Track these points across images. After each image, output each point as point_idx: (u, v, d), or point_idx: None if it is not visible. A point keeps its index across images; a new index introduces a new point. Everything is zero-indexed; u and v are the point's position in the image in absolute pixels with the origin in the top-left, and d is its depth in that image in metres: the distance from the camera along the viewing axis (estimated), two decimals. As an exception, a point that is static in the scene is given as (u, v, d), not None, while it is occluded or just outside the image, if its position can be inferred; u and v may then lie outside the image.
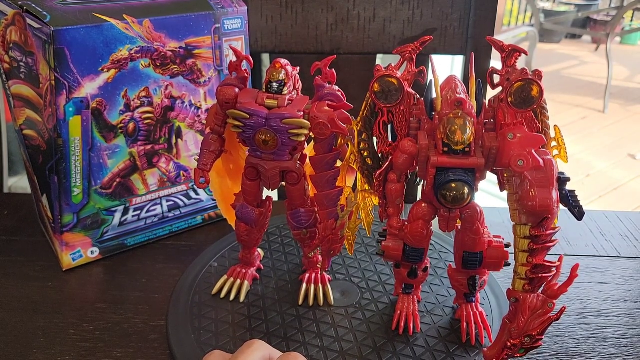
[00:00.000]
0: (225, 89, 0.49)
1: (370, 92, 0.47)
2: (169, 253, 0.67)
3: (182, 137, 0.66)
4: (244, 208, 0.55)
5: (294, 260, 0.63)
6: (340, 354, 0.50)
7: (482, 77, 0.46)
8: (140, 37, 0.59)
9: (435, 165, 0.43)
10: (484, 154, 0.44)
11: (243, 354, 0.34)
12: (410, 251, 0.49)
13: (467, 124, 0.42)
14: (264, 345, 0.36)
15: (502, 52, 0.46)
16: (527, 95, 0.43)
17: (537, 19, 3.78)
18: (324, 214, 0.52)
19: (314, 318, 0.54)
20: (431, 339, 0.51)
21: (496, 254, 0.49)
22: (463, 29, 0.87)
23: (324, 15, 0.88)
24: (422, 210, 0.48)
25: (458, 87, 0.45)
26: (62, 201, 0.60)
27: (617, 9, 3.73)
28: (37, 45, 0.55)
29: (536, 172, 0.41)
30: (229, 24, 0.65)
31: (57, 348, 0.52)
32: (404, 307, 0.53)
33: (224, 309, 0.55)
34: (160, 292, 0.59)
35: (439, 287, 0.59)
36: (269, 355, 0.35)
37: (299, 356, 0.35)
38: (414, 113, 0.47)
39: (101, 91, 0.58)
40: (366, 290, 0.58)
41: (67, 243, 0.62)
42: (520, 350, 0.44)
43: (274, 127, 0.48)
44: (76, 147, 0.58)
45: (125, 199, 0.64)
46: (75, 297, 0.59)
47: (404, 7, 0.87)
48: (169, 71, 0.62)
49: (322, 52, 0.89)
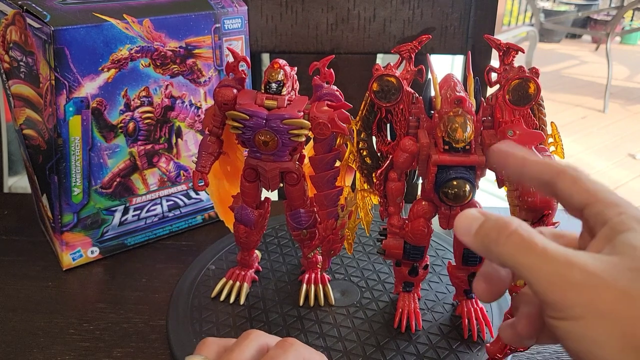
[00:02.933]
0: (223, 90, 0.49)
1: (369, 91, 0.47)
2: (169, 253, 0.67)
3: (182, 137, 0.66)
4: (243, 210, 0.55)
5: (292, 261, 0.63)
6: (344, 353, 0.50)
7: (481, 76, 0.46)
8: (140, 36, 0.59)
9: (437, 164, 0.43)
10: (484, 151, 0.44)
11: (239, 346, 0.34)
12: (411, 249, 0.50)
13: (467, 121, 0.42)
14: (261, 334, 0.36)
15: (500, 50, 0.46)
16: (524, 92, 0.44)
17: (537, 18, 3.78)
18: (324, 214, 0.52)
19: (316, 318, 0.54)
20: (433, 336, 0.51)
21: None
22: (463, 29, 0.87)
23: (324, 15, 0.88)
24: (423, 208, 0.48)
25: (457, 85, 0.45)
26: (62, 201, 0.60)
27: (617, 9, 3.73)
28: (37, 45, 0.55)
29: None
30: (229, 23, 0.65)
31: (57, 348, 0.52)
32: (405, 305, 0.53)
33: (225, 312, 0.55)
34: (160, 292, 0.59)
35: (438, 284, 0.59)
36: (266, 343, 0.35)
37: (296, 341, 0.35)
38: (413, 112, 0.47)
39: (101, 91, 0.58)
40: (366, 289, 0.58)
41: (67, 243, 0.62)
42: None
43: (274, 127, 0.48)
44: (76, 147, 0.58)
45: (125, 198, 0.64)
46: (75, 297, 0.59)
47: (404, 7, 0.87)
48: (169, 71, 0.62)
49: (322, 52, 0.89)
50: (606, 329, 0.24)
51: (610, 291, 0.24)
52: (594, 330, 0.24)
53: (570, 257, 0.26)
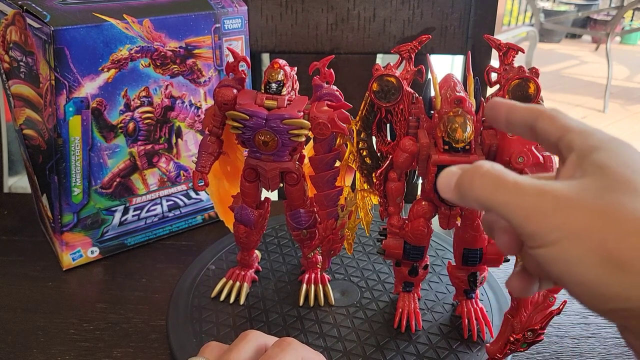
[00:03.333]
0: (223, 90, 0.49)
1: (369, 91, 0.47)
2: (169, 253, 0.67)
3: (182, 137, 0.66)
4: (243, 210, 0.55)
5: (292, 261, 0.63)
6: (344, 353, 0.50)
7: (481, 76, 0.46)
8: (140, 36, 0.59)
9: (437, 164, 0.43)
10: (484, 151, 0.44)
11: (237, 346, 0.34)
12: (411, 249, 0.50)
13: (467, 121, 0.42)
14: (259, 334, 0.36)
15: (500, 51, 0.46)
16: (524, 92, 0.44)
17: (537, 18, 3.78)
18: (324, 214, 0.52)
19: (316, 318, 0.54)
20: (433, 336, 0.51)
21: (496, 250, 0.49)
22: (463, 29, 0.87)
23: (324, 15, 0.88)
24: (423, 208, 0.48)
25: (457, 85, 0.45)
26: (62, 201, 0.60)
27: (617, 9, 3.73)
28: (37, 45, 0.55)
29: (536, 168, 0.42)
30: (229, 23, 0.65)
31: (57, 348, 0.52)
32: (405, 305, 0.53)
33: (225, 312, 0.55)
34: (160, 292, 0.59)
35: (438, 284, 0.59)
36: (264, 343, 0.35)
37: (294, 341, 0.35)
38: (413, 112, 0.47)
39: (101, 91, 0.58)
40: (366, 289, 0.58)
41: (67, 243, 0.62)
42: (523, 344, 0.45)
43: (274, 127, 0.48)
44: (76, 147, 0.58)
45: (125, 198, 0.64)
46: (75, 297, 0.59)
47: (404, 7, 0.87)
48: (169, 71, 0.62)
49: (322, 52, 0.89)
50: (581, 247, 0.25)
51: (581, 211, 0.25)
52: (570, 250, 0.25)
53: (542, 187, 0.27)
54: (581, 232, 0.25)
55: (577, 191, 0.26)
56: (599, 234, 0.25)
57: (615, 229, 0.24)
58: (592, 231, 0.25)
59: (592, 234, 0.25)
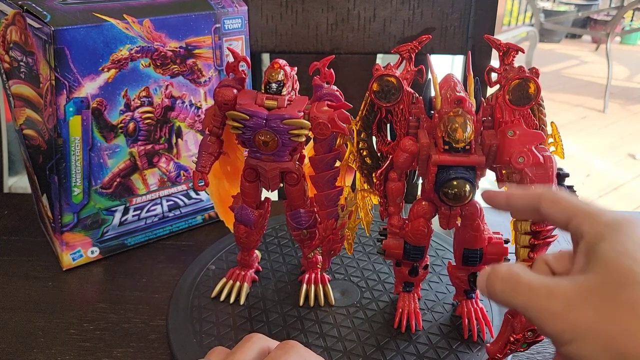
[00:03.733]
0: (223, 90, 0.49)
1: (369, 91, 0.47)
2: (169, 253, 0.67)
3: (182, 137, 0.66)
4: (243, 210, 0.55)
5: (292, 261, 0.63)
6: (344, 353, 0.50)
7: (481, 76, 0.46)
8: (141, 36, 0.59)
9: (437, 164, 0.43)
10: (484, 151, 0.44)
11: (241, 349, 0.35)
12: (411, 249, 0.50)
13: (468, 122, 0.42)
14: (262, 337, 0.36)
15: (500, 51, 0.46)
16: (524, 92, 0.44)
17: (537, 18, 3.79)
18: (324, 214, 0.52)
19: (316, 318, 0.54)
20: (433, 336, 0.51)
21: (496, 250, 0.49)
22: (463, 29, 0.87)
23: (324, 15, 0.88)
24: (423, 208, 0.48)
25: (457, 85, 0.45)
26: (62, 201, 0.60)
27: (617, 9, 3.73)
28: (37, 45, 0.55)
29: (536, 169, 0.42)
30: (229, 23, 0.65)
31: (57, 348, 0.52)
32: (405, 305, 0.53)
33: (225, 312, 0.55)
34: (160, 292, 0.59)
35: (438, 284, 0.59)
36: (267, 346, 0.36)
37: (297, 344, 0.35)
38: (413, 112, 0.47)
39: (101, 91, 0.58)
40: (366, 289, 0.58)
41: (67, 243, 0.62)
42: (523, 344, 0.45)
43: (274, 127, 0.48)
44: (76, 147, 0.58)
45: (125, 198, 0.64)
46: (75, 297, 0.59)
47: (404, 7, 0.87)
48: (169, 71, 0.62)
49: (322, 52, 0.89)
50: (594, 347, 0.26)
51: (588, 312, 0.27)
52: (584, 349, 0.27)
53: (552, 288, 0.28)
54: (590, 332, 0.26)
55: (582, 290, 0.27)
56: (607, 332, 0.26)
57: (621, 326, 0.26)
58: (599, 331, 0.26)
59: (600, 334, 0.26)
